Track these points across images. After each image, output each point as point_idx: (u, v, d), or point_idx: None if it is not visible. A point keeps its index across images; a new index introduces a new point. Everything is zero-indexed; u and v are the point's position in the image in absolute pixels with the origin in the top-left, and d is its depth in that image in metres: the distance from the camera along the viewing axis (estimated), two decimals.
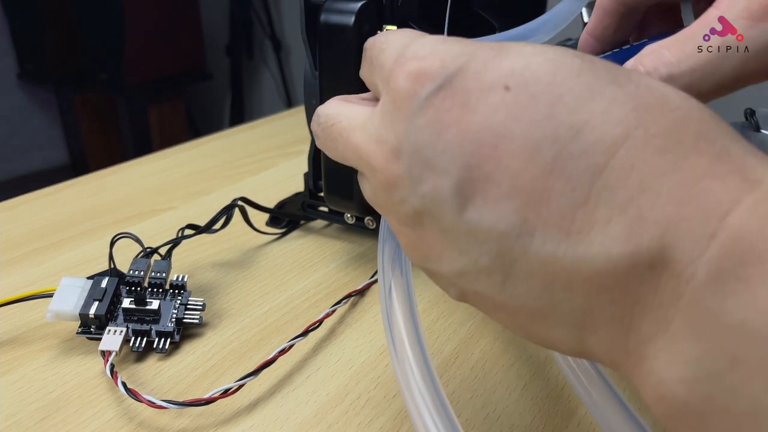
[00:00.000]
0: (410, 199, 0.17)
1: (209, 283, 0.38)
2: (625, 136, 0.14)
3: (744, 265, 0.12)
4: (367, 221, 0.40)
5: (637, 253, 0.13)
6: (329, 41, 0.34)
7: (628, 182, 0.14)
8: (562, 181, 0.14)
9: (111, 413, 0.27)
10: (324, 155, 0.37)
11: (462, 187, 0.16)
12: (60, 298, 0.31)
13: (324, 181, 0.38)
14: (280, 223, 0.45)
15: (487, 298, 0.17)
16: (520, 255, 0.15)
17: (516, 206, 0.15)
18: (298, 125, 0.72)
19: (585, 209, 0.14)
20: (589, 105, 0.15)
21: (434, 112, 0.16)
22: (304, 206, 0.44)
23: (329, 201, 0.39)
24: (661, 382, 0.14)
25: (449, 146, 0.16)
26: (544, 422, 0.27)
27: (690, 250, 0.13)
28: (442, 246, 0.17)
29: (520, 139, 0.15)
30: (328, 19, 0.33)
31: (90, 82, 2.00)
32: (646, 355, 0.14)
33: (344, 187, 0.37)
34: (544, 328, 0.16)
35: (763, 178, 0.13)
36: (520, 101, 0.15)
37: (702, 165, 0.13)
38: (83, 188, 0.53)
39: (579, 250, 0.14)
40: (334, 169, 0.37)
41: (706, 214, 0.13)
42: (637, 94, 0.15)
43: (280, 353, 0.29)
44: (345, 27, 0.33)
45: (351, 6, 0.33)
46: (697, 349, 0.13)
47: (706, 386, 0.13)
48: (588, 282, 0.14)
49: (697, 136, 0.14)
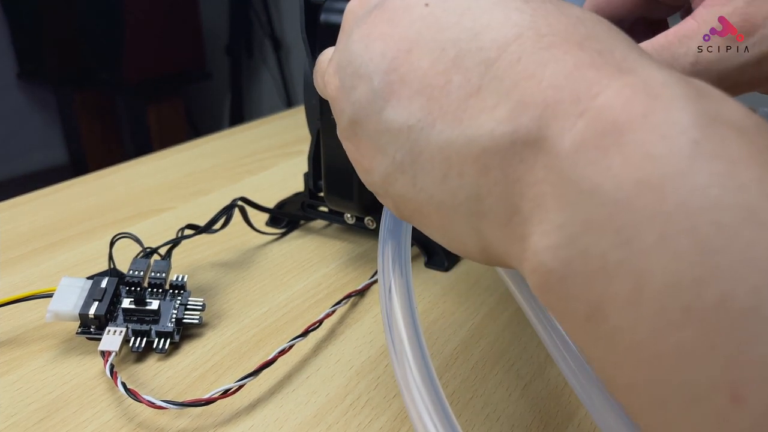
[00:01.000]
0: (346, 108, 0.19)
1: (209, 283, 0.38)
2: (517, 35, 0.16)
3: (604, 136, 0.13)
4: (367, 221, 0.40)
5: (516, 131, 0.15)
6: (329, 41, 0.34)
7: (514, 71, 0.15)
8: (460, 74, 0.16)
9: (110, 413, 0.27)
10: (324, 155, 0.37)
11: (382, 90, 0.18)
12: (60, 298, 0.31)
13: (324, 181, 0.38)
14: (280, 223, 0.45)
15: (407, 198, 0.18)
16: (424, 146, 0.17)
17: (422, 102, 0.17)
18: (297, 125, 0.72)
19: (477, 97, 0.16)
20: (492, 13, 0.16)
21: (366, 28, 0.19)
22: (304, 206, 0.44)
23: (329, 201, 0.39)
24: (534, 253, 0.14)
25: (374, 55, 0.18)
26: (545, 422, 0.27)
27: (560, 128, 0.14)
28: (372, 153, 0.19)
29: (430, 42, 0.17)
30: (328, 19, 0.33)
31: (89, 82, 2.00)
32: (526, 234, 0.15)
33: (344, 187, 0.37)
34: (450, 224, 0.18)
35: (635, 67, 0.14)
36: (435, 13, 0.17)
37: (583, 58, 0.15)
38: (83, 188, 0.53)
39: (468, 133, 0.16)
40: (334, 169, 0.37)
41: (578, 96, 0.14)
42: (540, 6, 0.16)
43: (279, 354, 0.29)
44: None
45: None
46: (560, 217, 0.14)
47: (566, 251, 0.13)
48: (476, 163, 0.16)
49: (585, 37, 0.15)
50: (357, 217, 0.40)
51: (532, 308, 0.28)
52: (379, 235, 0.27)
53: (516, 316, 0.35)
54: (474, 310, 0.35)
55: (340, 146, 0.35)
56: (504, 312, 0.35)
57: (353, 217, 0.41)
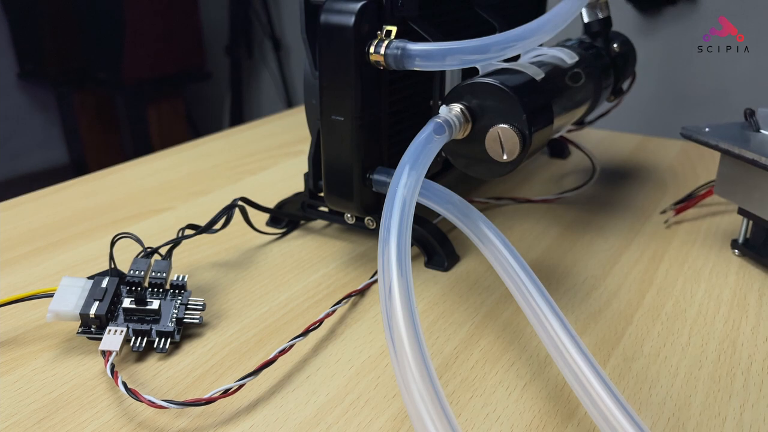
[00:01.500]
0: None
1: (209, 283, 0.38)
2: None
3: None
4: (367, 221, 0.40)
5: None
6: (329, 41, 0.34)
7: None
8: None
9: (111, 413, 0.27)
10: (324, 155, 0.37)
11: None
12: (60, 298, 0.31)
13: (324, 181, 0.38)
14: (280, 224, 0.45)
15: None
16: None
17: None
18: (297, 125, 0.72)
19: None
20: None
21: None
22: (304, 206, 0.44)
23: (329, 201, 0.39)
24: None
25: None
26: (544, 422, 0.27)
27: None
28: None
29: None
30: (328, 19, 0.33)
31: (89, 82, 2.00)
32: None
33: (344, 187, 0.37)
34: None
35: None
36: None
37: None
38: (83, 188, 0.53)
39: None
40: (334, 169, 0.37)
41: None
42: None
43: (280, 353, 0.29)
44: (345, 27, 0.33)
45: (351, 6, 0.33)
46: None
47: None
48: None
49: None
50: (357, 217, 0.40)
51: (532, 308, 0.28)
52: (380, 234, 0.27)
53: (516, 316, 0.35)
54: (474, 310, 0.35)
55: (340, 146, 0.35)
56: (504, 312, 0.35)
57: (353, 217, 0.41)
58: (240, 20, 2.13)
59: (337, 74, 0.34)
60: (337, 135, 0.35)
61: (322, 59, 0.34)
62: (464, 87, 0.32)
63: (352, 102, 0.34)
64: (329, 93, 0.35)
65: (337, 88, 0.34)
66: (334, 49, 0.34)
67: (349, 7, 0.33)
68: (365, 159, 0.36)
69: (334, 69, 0.34)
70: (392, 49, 0.33)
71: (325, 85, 0.35)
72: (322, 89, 0.35)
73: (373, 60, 0.33)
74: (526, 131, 0.31)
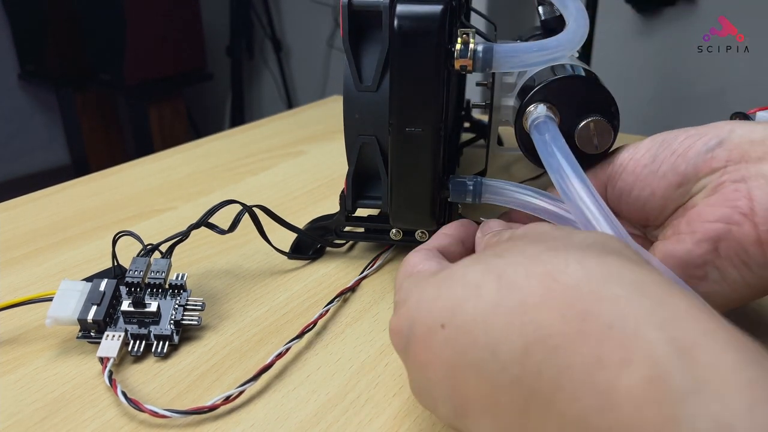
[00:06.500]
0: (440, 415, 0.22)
1: (209, 282, 0.38)
2: None
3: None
4: (418, 234, 0.37)
5: None
6: (407, 49, 0.30)
7: None
8: (507, 395, 0.18)
9: (111, 413, 0.27)
10: (394, 173, 0.34)
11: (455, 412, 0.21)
12: (59, 303, 0.31)
13: (392, 200, 0.34)
14: (307, 252, 0.41)
15: None
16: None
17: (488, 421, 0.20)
18: (298, 126, 0.72)
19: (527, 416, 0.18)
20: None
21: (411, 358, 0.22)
22: (337, 231, 0.40)
23: (398, 219, 0.35)
24: None
25: (431, 383, 0.21)
26: None
27: None
28: None
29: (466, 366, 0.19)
30: (405, 25, 0.30)
31: (91, 83, 2.01)
32: None
33: (419, 201, 0.34)
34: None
35: None
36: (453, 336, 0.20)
37: None
38: (84, 188, 0.53)
39: None
40: (408, 185, 0.34)
41: None
42: None
43: (277, 357, 0.30)
44: (428, 32, 0.30)
45: (432, 10, 0.30)
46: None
47: None
48: None
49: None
50: (404, 232, 0.38)
51: None
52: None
53: None
54: None
55: (416, 159, 0.33)
56: None
57: (399, 232, 0.38)
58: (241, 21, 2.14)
59: (418, 84, 0.31)
60: (413, 148, 0.32)
61: (397, 69, 0.31)
62: (550, 84, 0.33)
63: (434, 112, 0.31)
64: (406, 105, 0.32)
65: (416, 98, 0.31)
66: (414, 57, 0.30)
67: (430, 12, 0.30)
68: (444, 170, 0.34)
69: (414, 78, 0.31)
70: (480, 52, 0.31)
71: (402, 96, 0.31)
72: (395, 102, 0.32)
73: (459, 65, 0.31)
74: (616, 121, 0.33)
